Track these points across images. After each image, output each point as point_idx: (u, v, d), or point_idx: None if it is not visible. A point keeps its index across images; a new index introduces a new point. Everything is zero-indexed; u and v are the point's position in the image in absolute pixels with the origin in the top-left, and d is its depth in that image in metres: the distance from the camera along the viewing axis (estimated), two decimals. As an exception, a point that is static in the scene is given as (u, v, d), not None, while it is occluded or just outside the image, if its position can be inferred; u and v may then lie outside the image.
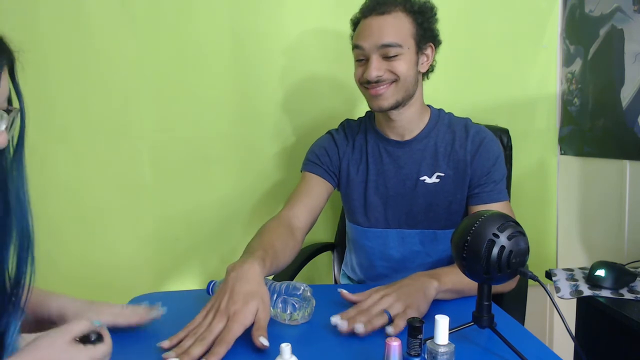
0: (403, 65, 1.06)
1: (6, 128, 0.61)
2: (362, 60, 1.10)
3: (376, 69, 1.06)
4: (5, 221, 0.65)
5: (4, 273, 0.66)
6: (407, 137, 1.17)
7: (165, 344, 0.77)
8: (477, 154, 1.12)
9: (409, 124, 1.16)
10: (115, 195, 1.55)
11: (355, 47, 1.10)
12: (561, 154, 1.67)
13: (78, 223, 1.55)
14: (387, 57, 1.06)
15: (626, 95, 1.35)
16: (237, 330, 0.75)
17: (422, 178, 1.15)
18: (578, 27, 1.56)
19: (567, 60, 1.62)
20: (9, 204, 0.65)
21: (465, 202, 1.14)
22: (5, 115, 0.61)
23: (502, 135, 1.38)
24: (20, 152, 0.67)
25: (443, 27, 1.15)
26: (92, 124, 1.52)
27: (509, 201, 1.17)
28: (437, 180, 1.14)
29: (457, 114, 1.22)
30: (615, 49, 1.38)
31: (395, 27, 1.06)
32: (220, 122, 1.58)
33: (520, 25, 1.61)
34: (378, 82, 1.07)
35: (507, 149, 1.38)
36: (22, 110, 0.66)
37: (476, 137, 1.13)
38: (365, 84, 1.09)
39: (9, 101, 0.65)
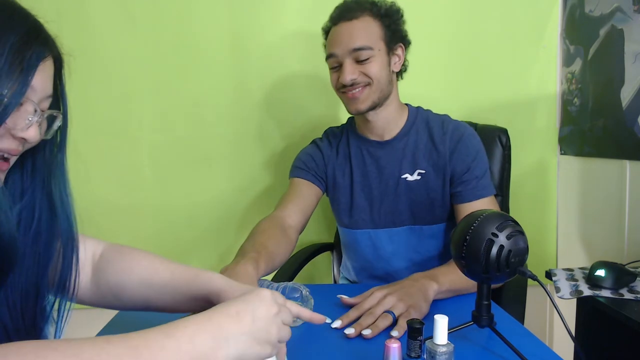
0: (375, 67, 1.08)
1: (38, 124, 0.58)
2: (337, 67, 1.12)
3: (350, 72, 1.08)
4: (51, 223, 0.63)
5: (47, 275, 0.64)
6: (387, 137, 1.18)
7: None
8: (455, 150, 1.13)
9: (387, 124, 1.17)
10: (115, 194, 1.55)
11: (329, 55, 1.12)
12: (561, 153, 1.67)
13: (77, 223, 1.55)
14: (359, 61, 1.08)
15: (626, 95, 1.35)
16: None
17: (404, 176, 1.16)
18: (578, 27, 1.56)
19: (567, 60, 1.62)
20: (55, 205, 0.64)
21: (450, 198, 1.15)
22: (38, 110, 0.58)
23: (502, 135, 1.38)
24: (63, 153, 0.66)
25: (443, 27, 1.15)
26: (92, 123, 1.52)
27: (495, 194, 1.17)
28: (419, 177, 1.15)
29: (456, 113, 1.22)
30: (615, 49, 1.38)
31: (365, 31, 1.08)
32: (220, 123, 1.58)
33: (520, 25, 1.61)
34: (353, 85, 1.09)
35: (507, 148, 1.38)
36: (65, 113, 0.64)
37: (455, 133, 1.14)
38: (342, 89, 1.11)
39: (54, 104, 0.63)
